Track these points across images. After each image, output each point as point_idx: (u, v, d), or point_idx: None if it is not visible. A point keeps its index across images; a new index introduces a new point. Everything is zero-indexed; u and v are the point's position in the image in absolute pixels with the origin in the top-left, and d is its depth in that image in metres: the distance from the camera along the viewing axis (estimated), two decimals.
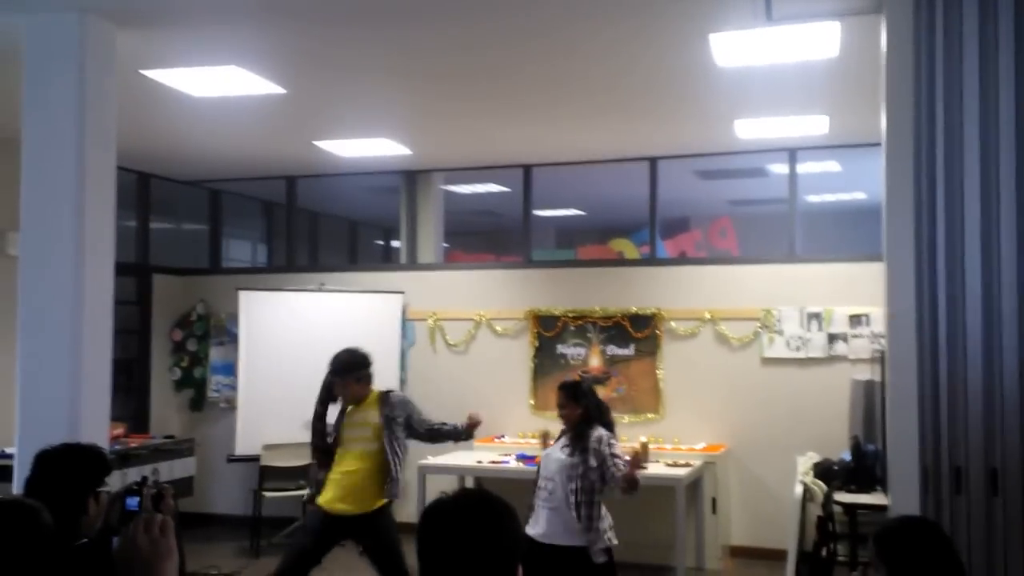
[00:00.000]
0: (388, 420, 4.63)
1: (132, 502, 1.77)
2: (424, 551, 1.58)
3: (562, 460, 4.23)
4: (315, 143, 6.76)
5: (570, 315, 7.26)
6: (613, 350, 7.16)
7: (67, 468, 2.63)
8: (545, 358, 7.30)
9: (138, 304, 7.88)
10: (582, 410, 4.28)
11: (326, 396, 4.71)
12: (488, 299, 7.49)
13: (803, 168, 7.29)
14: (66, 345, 3.82)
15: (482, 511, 1.61)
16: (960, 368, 3.27)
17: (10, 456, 4.14)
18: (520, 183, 7.70)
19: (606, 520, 4.25)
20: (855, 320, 6.62)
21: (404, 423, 4.70)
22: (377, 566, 4.65)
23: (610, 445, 4.24)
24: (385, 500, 4.63)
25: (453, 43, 4.55)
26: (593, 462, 4.18)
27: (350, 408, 4.68)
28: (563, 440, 4.34)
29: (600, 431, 4.27)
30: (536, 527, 4.24)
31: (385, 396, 4.71)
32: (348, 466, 4.60)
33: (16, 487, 3.57)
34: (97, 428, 3.85)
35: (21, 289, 3.90)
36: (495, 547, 1.56)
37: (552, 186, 8.20)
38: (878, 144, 3.77)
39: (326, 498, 4.60)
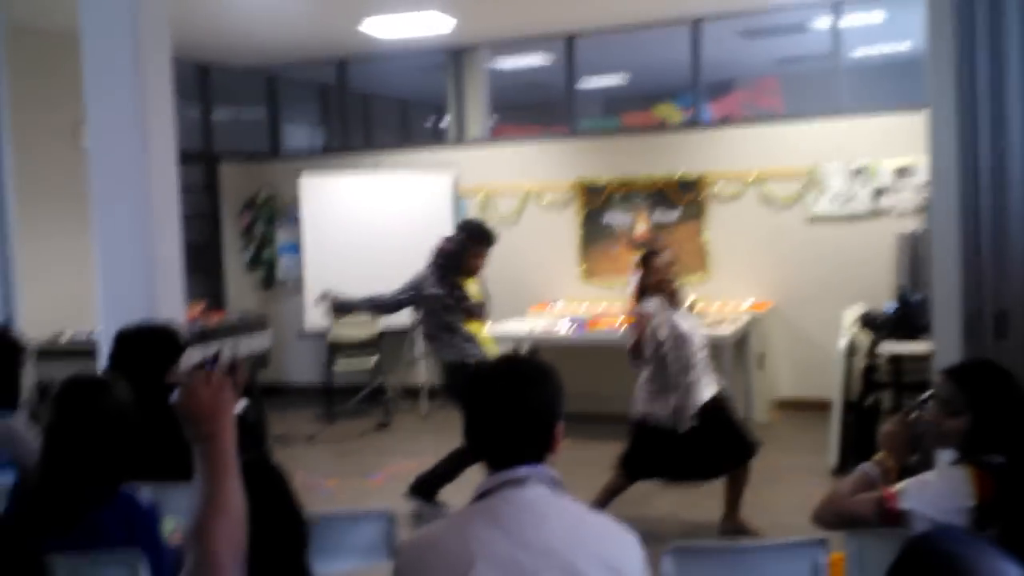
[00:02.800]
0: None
1: None
2: (466, 409, 1.71)
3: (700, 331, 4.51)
4: (361, 22, 6.78)
5: (616, 183, 7.38)
6: (659, 216, 7.27)
7: (142, 346, 2.85)
8: (592, 227, 7.45)
9: (207, 191, 8.30)
10: (650, 281, 4.42)
11: (457, 266, 5.01)
12: (535, 171, 7.59)
13: (849, 21, 7.05)
14: (138, 229, 3.94)
15: (519, 371, 1.72)
16: (1003, 212, 3.18)
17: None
18: (564, 53, 7.70)
19: None
20: (901, 172, 6.55)
21: None
22: None
23: None
24: None
25: None
26: None
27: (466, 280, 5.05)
28: (673, 310, 4.43)
29: None
30: (710, 389, 4.45)
31: None
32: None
33: (101, 365, 3.80)
34: (173, 306, 3.99)
35: (92, 178, 4.02)
36: (533, 404, 1.65)
37: (598, 53, 8.13)
38: None
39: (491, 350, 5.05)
